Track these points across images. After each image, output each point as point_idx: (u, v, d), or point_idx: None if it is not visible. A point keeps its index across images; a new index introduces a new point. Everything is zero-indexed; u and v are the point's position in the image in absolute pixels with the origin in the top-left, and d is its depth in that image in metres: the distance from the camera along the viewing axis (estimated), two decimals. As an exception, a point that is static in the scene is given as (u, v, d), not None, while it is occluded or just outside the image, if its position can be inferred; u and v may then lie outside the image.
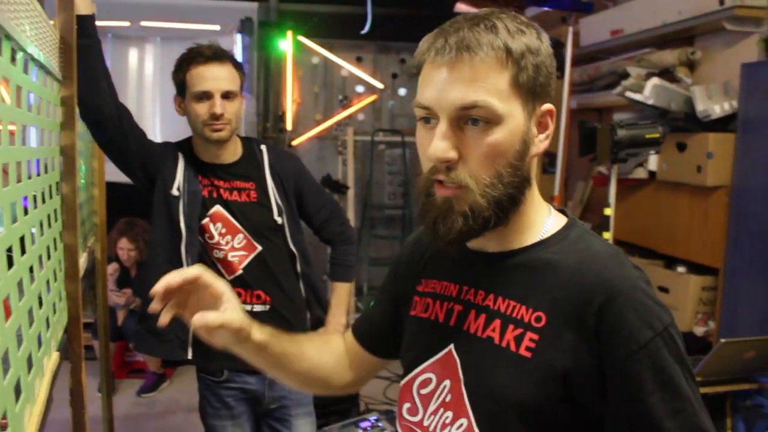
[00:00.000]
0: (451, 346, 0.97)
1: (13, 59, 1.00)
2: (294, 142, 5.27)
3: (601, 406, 0.87)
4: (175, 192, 1.98)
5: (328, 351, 1.23)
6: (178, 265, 1.98)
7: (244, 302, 2.04)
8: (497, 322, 0.93)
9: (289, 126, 5.17)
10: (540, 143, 0.93)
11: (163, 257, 2.01)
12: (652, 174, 3.56)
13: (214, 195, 2.03)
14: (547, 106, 0.93)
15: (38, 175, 1.20)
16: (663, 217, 3.49)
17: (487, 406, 0.91)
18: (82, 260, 1.85)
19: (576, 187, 4.58)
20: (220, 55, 1.93)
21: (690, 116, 3.22)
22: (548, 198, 1.05)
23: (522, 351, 0.89)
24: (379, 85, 5.50)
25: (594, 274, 0.89)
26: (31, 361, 1.03)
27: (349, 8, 5.17)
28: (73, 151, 1.40)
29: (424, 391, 1.01)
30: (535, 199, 0.97)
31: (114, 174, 2.17)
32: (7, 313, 0.88)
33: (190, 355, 2.02)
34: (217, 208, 2.02)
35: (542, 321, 0.89)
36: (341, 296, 2.26)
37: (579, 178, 4.58)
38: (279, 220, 2.08)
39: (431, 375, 1.00)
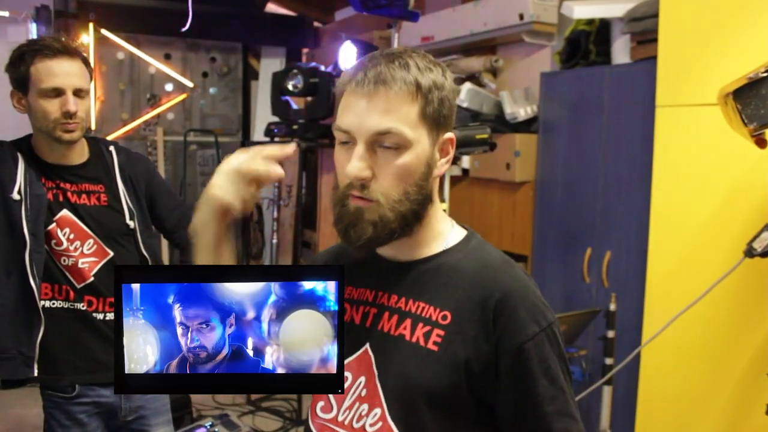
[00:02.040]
0: (367, 345, 1.07)
1: None
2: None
3: (494, 389, 1.00)
4: (15, 196, 1.82)
5: None
6: (21, 274, 1.83)
7: (96, 311, 1.94)
8: (408, 321, 1.04)
9: (93, 125, 4.85)
10: (442, 166, 1.06)
11: (1, 267, 1.84)
12: (465, 171, 3.87)
13: (60, 198, 1.90)
14: (449, 134, 1.06)
15: None
16: (476, 210, 3.82)
17: (399, 396, 1.02)
18: None
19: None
20: (70, 50, 1.81)
21: (499, 118, 3.56)
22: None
23: (430, 345, 1.00)
24: (189, 84, 5.34)
25: (492, 277, 1.03)
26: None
27: (156, 3, 4.97)
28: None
29: None
30: (438, 214, 1.10)
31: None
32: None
33: (36, 372, 1.88)
34: (65, 213, 1.90)
35: (448, 319, 1.01)
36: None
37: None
38: (131, 224, 1.99)
39: (347, 374, 1.07)
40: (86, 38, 4.70)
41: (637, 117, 2.83)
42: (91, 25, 4.71)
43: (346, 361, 1.07)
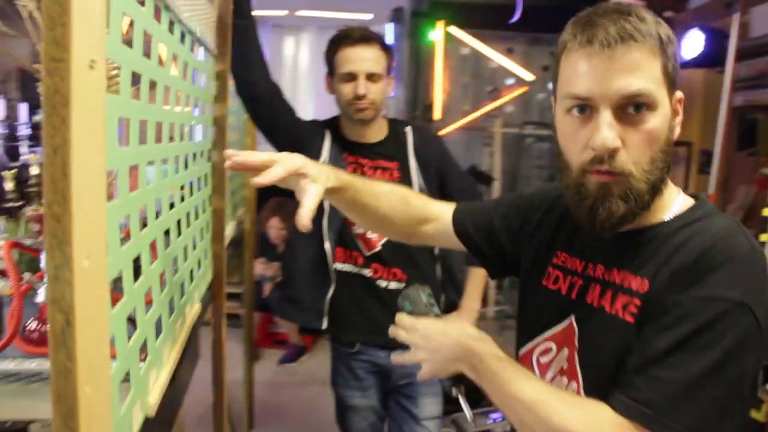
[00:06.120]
0: (572, 317, 1.03)
1: (181, 40, 1.10)
2: (442, 132, 5.31)
3: None
4: (320, 167, 2.07)
5: (402, 210, 1.32)
6: (319, 239, 2.07)
7: (380, 278, 2.10)
8: (610, 293, 0.97)
9: (437, 115, 5.21)
10: (676, 129, 0.96)
11: (305, 232, 2.11)
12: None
13: (358, 173, 2.09)
14: (680, 93, 0.96)
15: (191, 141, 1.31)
16: None
17: (594, 371, 0.97)
18: (230, 227, 1.96)
19: (737, 191, 4.27)
20: (367, 38, 1.99)
21: None
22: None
23: (626, 317, 0.93)
24: (529, 77, 5.41)
25: (699, 241, 0.90)
26: (172, 305, 1.12)
27: (501, -1, 5.13)
28: (224, 122, 1.52)
29: (543, 360, 1.07)
30: (669, 182, 1.00)
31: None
32: (155, 257, 0.97)
33: (325, 325, 2.12)
34: (360, 185, 2.09)
35: (646, 287, 0.92)
36: (477, 282, 2.26)
37: (740, 181, 4.27)
38: (420, 200, 2.11)
39: (551, 344, 1.06)
40: (435, 35, 5.06)
41: None
42: (440, 23, 5.06)
43: (550, 331, 1.06)
